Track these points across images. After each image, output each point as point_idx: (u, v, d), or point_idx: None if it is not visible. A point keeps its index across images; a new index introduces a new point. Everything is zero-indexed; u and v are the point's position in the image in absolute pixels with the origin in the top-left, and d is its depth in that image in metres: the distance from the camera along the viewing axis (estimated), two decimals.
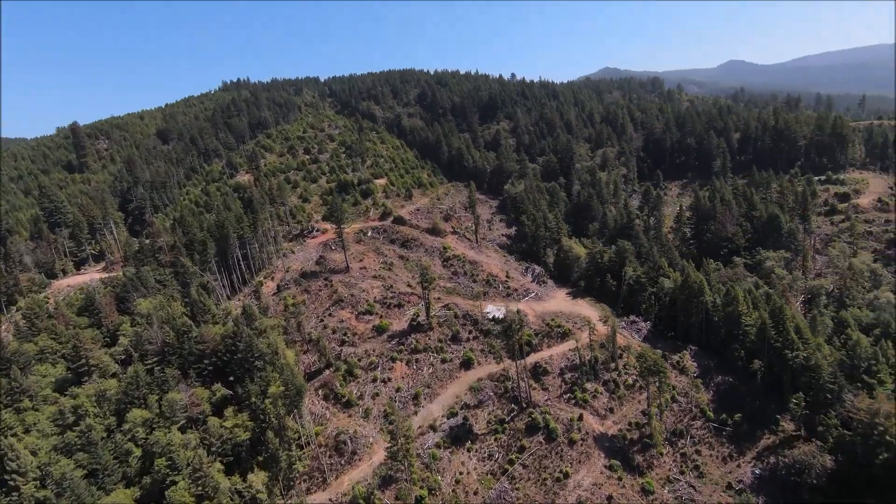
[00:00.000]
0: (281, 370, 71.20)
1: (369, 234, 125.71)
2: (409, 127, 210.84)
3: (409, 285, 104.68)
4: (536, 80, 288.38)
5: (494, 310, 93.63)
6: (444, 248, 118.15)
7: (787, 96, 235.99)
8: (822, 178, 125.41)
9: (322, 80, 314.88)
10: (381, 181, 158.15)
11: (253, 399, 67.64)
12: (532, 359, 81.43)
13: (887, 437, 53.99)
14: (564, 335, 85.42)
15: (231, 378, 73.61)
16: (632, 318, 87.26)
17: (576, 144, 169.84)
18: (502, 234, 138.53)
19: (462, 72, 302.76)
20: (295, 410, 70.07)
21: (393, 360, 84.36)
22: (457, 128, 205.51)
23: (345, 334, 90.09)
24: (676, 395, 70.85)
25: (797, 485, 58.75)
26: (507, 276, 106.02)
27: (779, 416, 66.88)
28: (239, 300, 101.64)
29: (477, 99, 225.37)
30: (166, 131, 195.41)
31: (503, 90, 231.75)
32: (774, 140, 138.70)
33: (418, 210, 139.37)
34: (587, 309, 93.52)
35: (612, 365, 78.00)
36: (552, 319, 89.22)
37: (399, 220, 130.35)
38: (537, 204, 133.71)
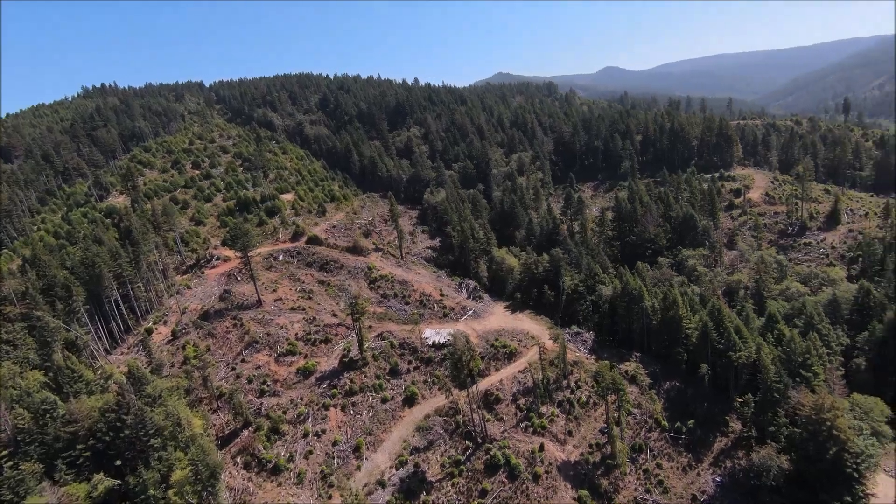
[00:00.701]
0: (186, 446, 57.18)
1: (281, 258, 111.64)
2: (314, 135, 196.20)
3: (335, 315, 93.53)
4: (439, 85, 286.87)
5: (434, 334, 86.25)
6: (370, 268, 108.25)
7: (669, 100, 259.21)
8: (717, 175, 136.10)
9: (207, 84, 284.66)
10: (288, 196, 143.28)
11: (151, 491, 53.17)
12: (482, 385, 75.35)
13: (834, 432, 55.64)
14: (511, 355, 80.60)
15: (118, 464, 57.67)
16: (575, 329, 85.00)
17: (490, 150, 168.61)
18: (427, 247, 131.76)
19: (364, 76, 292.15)
20: (209, 495, 56.46)
21: (325, 407, 73.25)
22: (366, 135, 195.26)
23: (264, 383, 76.86)
24: (630, 407, 68.98)
25: (757, 488, 58.96)
26: (442, 295, 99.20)
27: (728, 418, 67.69)
28: (122, 355, 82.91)
29: (384, 105, 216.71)
30: (8, 147, 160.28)
31: (410, 96, 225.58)
32: (672, 141, 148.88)
33: (335, 227, 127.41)
34: (528, 323, 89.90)
35: (564, 382, 74.57)
36: (496, 339, 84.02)
37: (314, 240, 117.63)
38: (461, 213, 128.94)
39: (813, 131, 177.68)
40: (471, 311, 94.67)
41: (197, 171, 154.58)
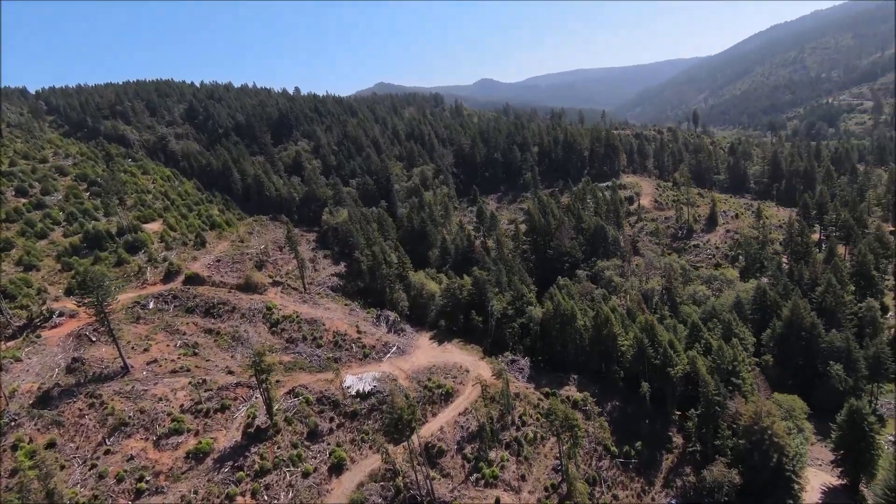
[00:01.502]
0: None
1: (151, 305, 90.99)
2: (182, 151, 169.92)
3: (231, 372, 77.44)
4: (325, 95, 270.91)
5: (356, 381, 75.07)
6: (269, 307, 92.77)
7: (551, 111, 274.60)
8: (608, 183, 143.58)
9: (32, 91, 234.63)
10: (155, 226, 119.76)
11: None
12: (420, 436, 66.34)
13: (774, 439, 57.03)
14: (448, 396, 72.82)
15: None
16: (510, 356, 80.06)
17: (390, 164, 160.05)
18: (332, 274, 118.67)
19: (237, 85, 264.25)
20: None
21: (230, 497, 58.36)
22: (247, 150, 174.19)
23: (141, 479, 59.18)
24: (583, 440, 65.40)
25: None
26: (359, 332, 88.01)
27: (670, 433, 67.43)
28: None
29: (266, 116, 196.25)
30: None
31: (295, 106, 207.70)
32: (566, 152, 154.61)
33: (219, 261, 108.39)
34: (459, 354, 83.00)
35: (509, 419, 68.80)
36: (429, 379, 75.59)
37: (194, 279, 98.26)
38: (368, 234, 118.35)
39: (674, 140, 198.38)
40: (394, 348, 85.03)
41: (24, 200, 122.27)
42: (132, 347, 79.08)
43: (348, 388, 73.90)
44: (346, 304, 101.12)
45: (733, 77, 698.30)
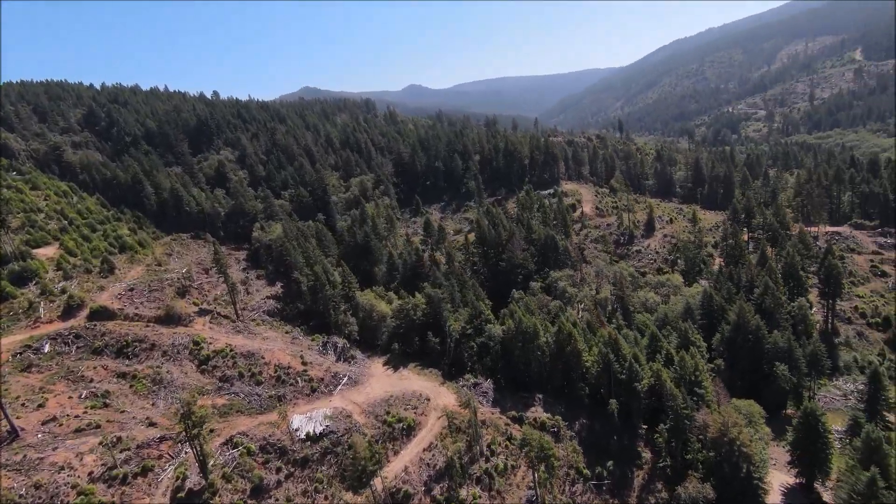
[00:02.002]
0: None
1: (46, 348, 76.59)
2: (81, 162, 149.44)
3: (154, 423, 66.21)
4: (248, 99, 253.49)
5: (305, 421, 67.11)
6: (196, 341, 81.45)
7: (486, 118, 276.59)
8: (550, 191, 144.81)
9: None
10: (50, 251, 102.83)
11: None
12: (384, 476, 60.00)
13: (743, 449, 57.29)
14: (410, 430, 66.94)
15: None
16: (472, 379, 75.70)
17: (326, 174, 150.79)
18: (268, 297, 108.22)
19: (145, 88, 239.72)
20: None
21: None
22: (161, 161, 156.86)
23: None
24: (557, 469, 62.40)
25: None
26: (304, 363, 79.51)
27: (639, 449, 66.40)
28: None
29: (181, 123, 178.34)
30: None
31: (215, 112, 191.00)
32: (507, 160, 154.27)
33: (132, 289, 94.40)
34: (417, 381, 77.36)
35: (477, 449, 64.29)
36: (387, 412, 69.24)
37: (102, 314, 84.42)
38: (308, 251, 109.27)
39: (604, 147, 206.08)
40: (346, 379, 77.64)
41: None
42: (22, 404, 65.38)
43: (297, 430, 65.77)
44: (286, 332, 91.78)
45: (645, 87, 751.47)
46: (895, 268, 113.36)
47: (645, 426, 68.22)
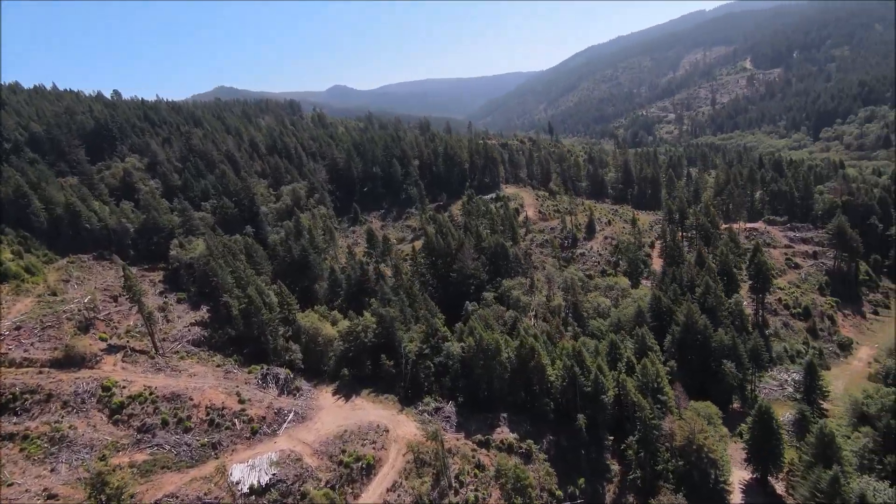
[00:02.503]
0: None
1: None
2: None
3: (54, 495, 54.52)
4: (156, 100, 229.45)
5: (247, 471, 58.72)
6: (106, 386, 69.17)
7: (420, 122, 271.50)
8: (492, 196, 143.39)
9: None
10: None
11: None
12: None
13: (710, 455, 57.58)
14: (370, 469, 60.69)
15: None
16: (432, 404, 70.84)
17: (253, 182, 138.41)
18: (192, 324, 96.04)
19: (27, 86, 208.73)
20: None
21: None
22: (52, 170, 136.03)
23: None
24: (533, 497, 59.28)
25: None
26: (242, 401, 70.26)
27: (608, 462, 65.21)
28: None
29: (75, 126, 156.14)
30: None
31: (117, 114, 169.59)
32: (447, 164, 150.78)
33: (19, 328, 78.96)
34: (373, 410, 71.09)
35: (444, 482, 59.60)
36: (342, 450, 62.46)
37: None
38: (237, 270, 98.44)
39: (538, 149, 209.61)
40: (292, 415, 69.58)
41: None
42: None
43: (237, 483, 57.27)
44: (218, 365, 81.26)
45: (565, 90, 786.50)
46: (805, 259, 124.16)
47: (611, 437, 67.16)
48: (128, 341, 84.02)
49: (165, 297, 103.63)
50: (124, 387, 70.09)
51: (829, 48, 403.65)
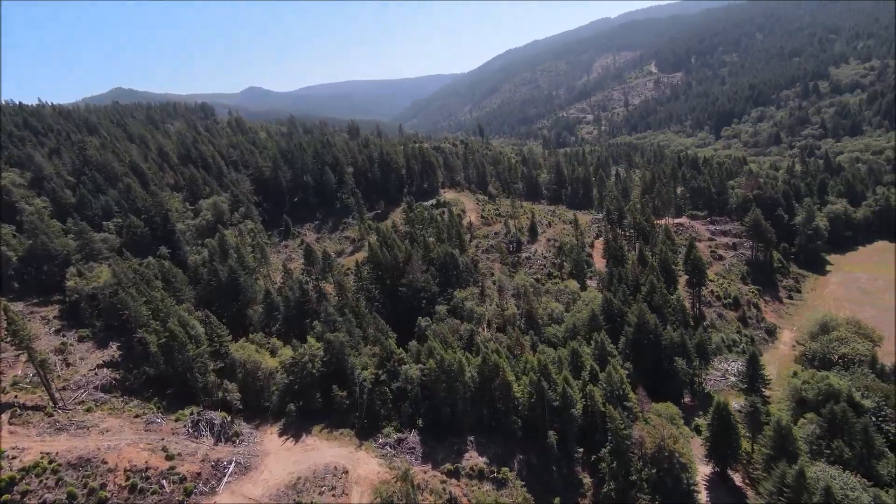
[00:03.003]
0: None
1: None
2: None
3: None
4: (38, 104, 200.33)
5: None
6: None
7: (347, 124, 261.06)
8: (433, 202, 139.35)
9: None
10: None
11: None
12: None
13: (682, 460, 57.51)
14: None
15: None
16: (394, 435, 65.21)
17: (165, 197, 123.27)
18: (99, 367, 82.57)
19: None
20: None
21: None
22: None
23: None
24: None
25: None
26: (170, 456, 60.11)
27: (580, 477, 63.52)
28: None
29: None
30: None
31: None
32: (383, 170, 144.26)
33: None
34: (328, 449, 64.03)
35: None
36: (297, 503, 55.11)
37: None
38: (153, 300, 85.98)
39: (472, 152, 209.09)
40: (233, 466, 60.69)
41: None
42: None
43: None
44: (136, 415, 69.59)
45: (488, 92, 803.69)
46: (727, 251, 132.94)
47: (580, 449, 65.62)
48: (15, 396, 69.87)
49: (63, 335, 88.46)
50: (14, 457, 57.35)
51: (721, 54, 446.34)
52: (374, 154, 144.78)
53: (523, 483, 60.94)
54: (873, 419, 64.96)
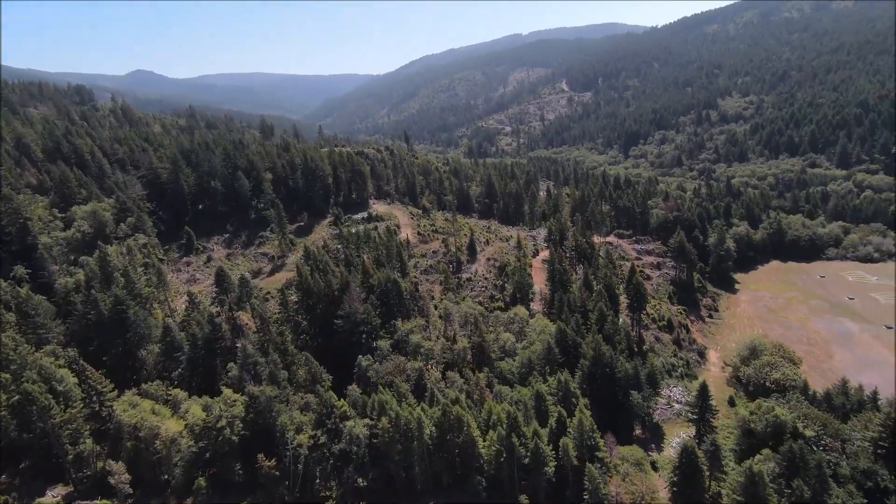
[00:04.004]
0: None
1: None
2: None
3: None
4: None
5: None
6: None
7: (261, 121, 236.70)
8: (363, 215, 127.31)
9: None
10: None
11: None
12: None
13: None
14: None
15: None
16: None
17: (24, 203, 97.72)
18: None
19: None
20: None
21: None
22: None
23: None
24: None
25: None
26: None
27: None
28: None
29: None
30: None
31: None
32: (308, 180, 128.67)
33: None
34: None
35: None
36: None
37: None
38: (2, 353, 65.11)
39: (400, 160, 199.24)
40: None
41: None
42: None
43: None
44: None
45: (406, 97, 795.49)
46: (653, 270, 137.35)
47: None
48: None
49: None
50: None
51: (625, 78, 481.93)
52: (297, 159, 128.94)
53: None
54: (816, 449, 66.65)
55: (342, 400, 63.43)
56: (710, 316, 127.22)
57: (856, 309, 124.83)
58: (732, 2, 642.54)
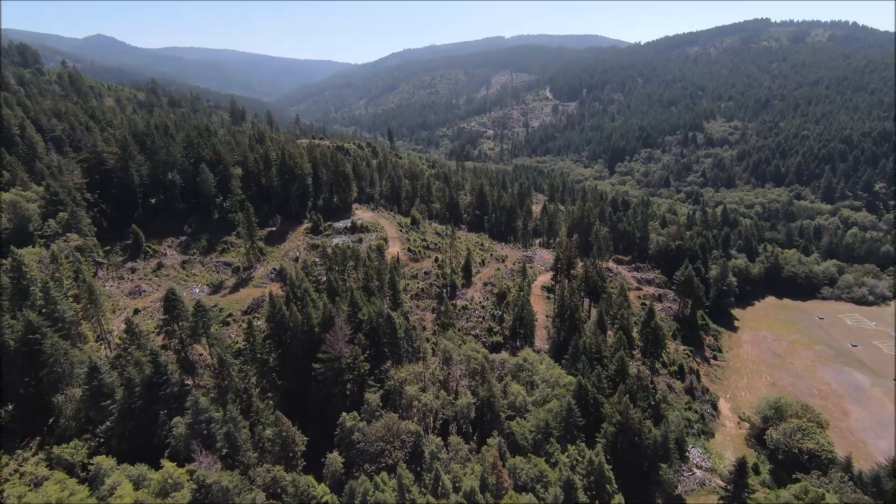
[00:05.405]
0: None
1: None
2: None
3: None
4: None
5: None
6: None
7: (231, 103, 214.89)
8: (348, 223, 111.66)
9: None
10: None
11: None
12: None
13: None
14: None
15: None
16: None
17: None
18: None
19: None
20: None
21: None
22: None
23: None
24: None
25: None
26: None
27: None
28: None
29: None
30: None
31: None
32: (284, 179, 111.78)
33: None
34: None
35: None
36: None
37: None
38: None
39: (384, 160, 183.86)
40: None
41: None
42: None
43: None
44: None
45: (385, 90, 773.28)
46: (655, 303, 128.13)
47: None
48: None
49: None
50: None
51: (609, 92, 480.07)
52: (273, 154, 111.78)
53: None
54: None
55: (322, 484, 48.92)
56: (715, 357, 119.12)
57: (861, 357, 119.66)
58: (713, 26, 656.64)
